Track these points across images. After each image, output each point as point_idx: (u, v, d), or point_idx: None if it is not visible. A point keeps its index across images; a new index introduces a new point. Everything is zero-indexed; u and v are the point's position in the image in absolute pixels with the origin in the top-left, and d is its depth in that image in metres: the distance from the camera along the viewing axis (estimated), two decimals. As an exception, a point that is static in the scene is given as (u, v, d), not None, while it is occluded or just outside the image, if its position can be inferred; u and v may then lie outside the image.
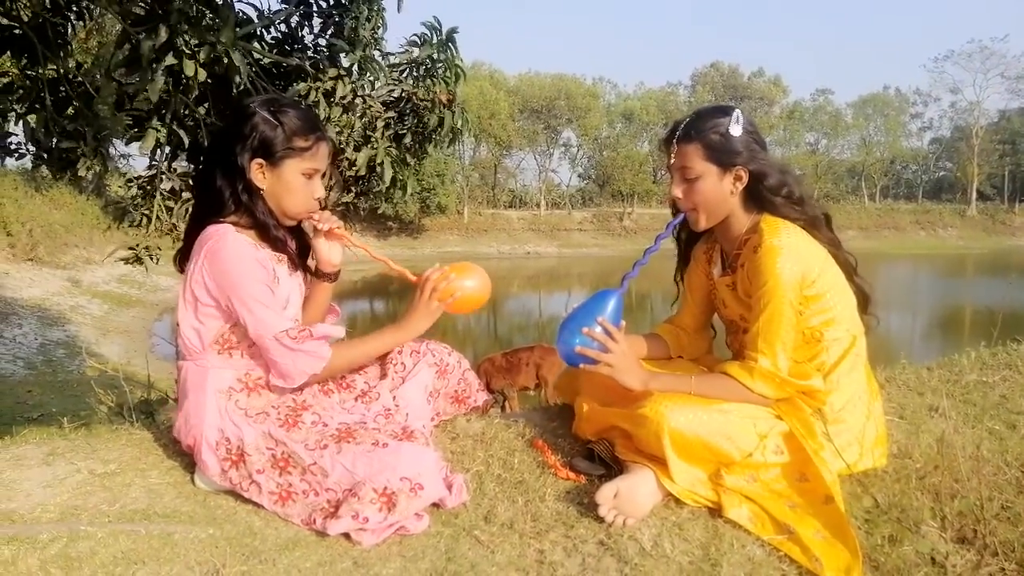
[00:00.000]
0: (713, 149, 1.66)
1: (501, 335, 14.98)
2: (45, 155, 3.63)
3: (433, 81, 4.25)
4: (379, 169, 4.00)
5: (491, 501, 1.65)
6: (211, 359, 1.66)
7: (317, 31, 4.19)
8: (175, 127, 3.54)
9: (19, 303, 12.66)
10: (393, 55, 4.38)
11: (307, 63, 3.98)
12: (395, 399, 1.81)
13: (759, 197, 1.71)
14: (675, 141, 1.70)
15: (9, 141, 3.87)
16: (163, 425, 2.09)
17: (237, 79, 3.08)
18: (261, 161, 1.63)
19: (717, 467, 1.60)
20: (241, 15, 3.75)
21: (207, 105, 3.69)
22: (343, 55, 4.05)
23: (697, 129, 1.67)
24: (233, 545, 1.47)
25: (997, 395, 2.27)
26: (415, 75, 4.33)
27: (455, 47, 4.23)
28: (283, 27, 4.16)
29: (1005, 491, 1.61)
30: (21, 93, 3.64)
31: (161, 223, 4.01)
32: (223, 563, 1.39)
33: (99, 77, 3.55)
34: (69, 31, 3.83)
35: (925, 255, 35.01)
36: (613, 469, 1.71)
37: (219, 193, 1.64)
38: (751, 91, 47.87)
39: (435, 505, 1.60)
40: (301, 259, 1.80)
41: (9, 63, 3.92)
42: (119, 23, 3.28)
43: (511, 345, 7.61)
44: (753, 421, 1.60)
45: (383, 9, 4.21)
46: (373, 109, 4.09)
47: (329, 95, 3.83)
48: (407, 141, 4.29)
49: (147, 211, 4.00)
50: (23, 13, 3.59)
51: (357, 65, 4.07)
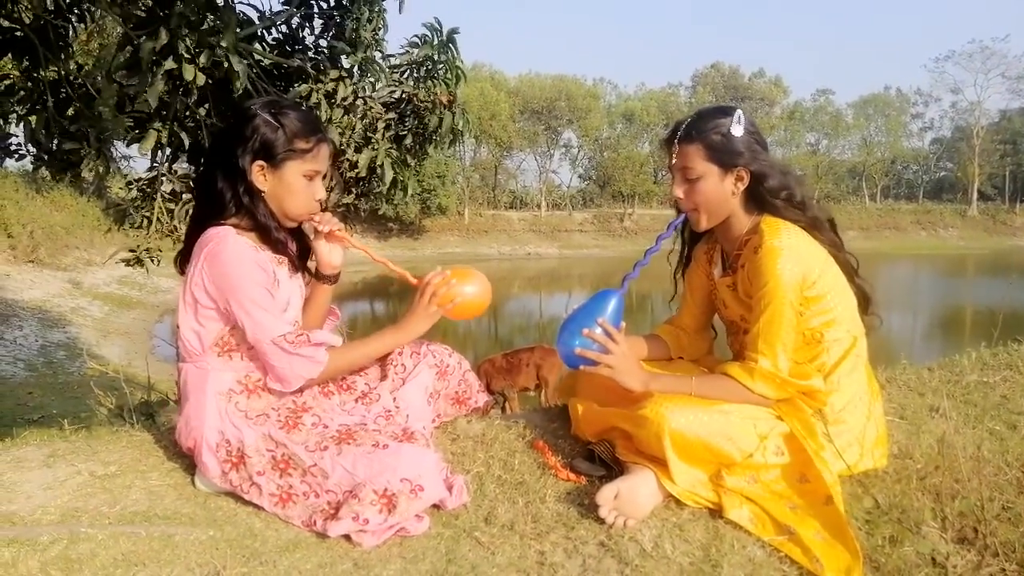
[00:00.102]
0: (714, 149, 1.66)
1: (502, 336, 14.98)
2: (45, 156, 3.64)
3: (434, 82, 4.25)
4: (380, 170, 4.00)
5: (491, 502, 1.65)
6: (211, 361, 1.66)
7: (318, 32, 4.20)
8: (176, 128, 3.55)
9: (20, 305, 12.67)
10: (394, 56, 4.39)
11: (308, 64, 3.99)
12: (395, 400, 1.81)
13: (760, 198, 1.71)
14: (676, 141, 1.70)
15: (9, 142, 3.88)
16: (163, 427, 2.09)
17: (237, 83, 3.08)
18: (262, 163, 1.64)
19: (718, 468, 1.60)
20: (242, 16, 3.76)
21: (208, 106, 3.69)
22: (344, 56, 4.06)
23: (698, 129, 1.67)
24: (233, 547, 1.47)
25: (998, 395, 2.27)
26: (416, 76, 4.33)
27: (455, 48, 4.24)
28: (284, 28, 4.16)
29: (1006, 491, 1.61)
30: (22, 95, 3.65)
31: (162, 225, 4.01)
32: (224, 565, 1.39)
33: (100, 79, 3.55)
34: (70, 33, 3.84)
35: (926, 255, 34.99)
36: (614, 470, 1.71)
37: (220, 195, 1.64)
38: (752, 91, 47.86)
39: (435, 506, 1.60)
40: (302, 261, 1.80)
41: (10, 65, 3.93)
42: (120, 26, 3.29)
43: (512, 346, 7.60)
44: (754, 422, 1.60)
45: (384, 10, 4.22)
46: (374, 110, 4.09)
47: (330, 96, 3.84)
48: (408, 142, 4.29)
49: (148, 213, 4.01)
50: (24, 15, 3.60)
51: (358, 66, 4.08)
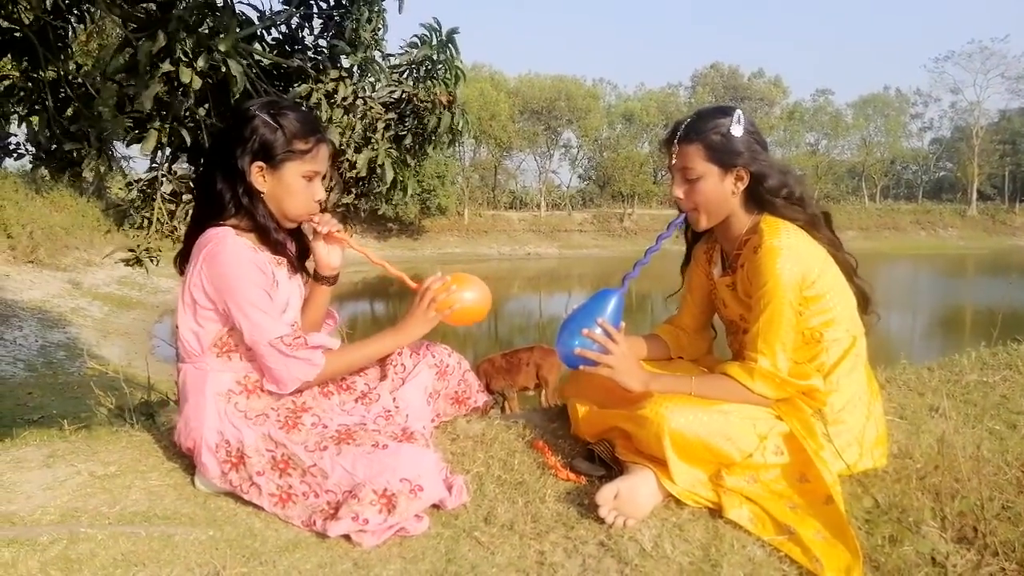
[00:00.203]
0: (714, 150, 1.66)
1: (501, 336, 14.97)
2: (44, 156, 3.64)
3: (433, 82, 4.25)
4: (380, 170, 4.00)
5: (491, 502, 1.65)
6: (210, 362, 1.66)
7: (318, 32, 4.19)
8: (176, 127, 3.54)
9: (19, 305, 12.66)
10: (393, 56, 4.38)
11: (308, 64, 3.99)
12: (395, 400, 1.81)
13: (760, 197, 1.71)
14: (676, 142, 1.70)
15: (8, 142, 3.88)
16: (163, 427, 2.09)
17: (235, 88, 3.09)
18: (261, 164, 1.64)
19: (717, 468, 1.60)
20: (242, 16, 3.76)
21: (208, 107, 3.69)
22: (344, 56, 4.05)
23: (698, 130, 1.68)
24: (233, 547, 1.47)
25: (997, 395, 2.27)
26: (415, 76, 4.33)
27: (455, 48, 4.23)
28: (284, 28, 4.16)
29: (1005, 491, 1.61)
30: (22, 95, 3.65)
31: (162, 225, 4.01)
32: (223, 565, 1.39)
33: (99, 79, 3.55)
34: (70, 34, 3.84)
35: (925, 255, 34.99)
36: (613, 470, 1.71)
37: (219, 196, 1.65)
38: (751, 92, 47.88)
39: (435, 506, 1.60)
40: (301, 262, 1.80)
41: (10, 66, 3.93)
42: (119, 28, 3.29)
43: (511, 346, 7.60)
44: (753, 422, 1.60)
45: (384, 10, 4.22)
46: (374, 110, 4.09)
47: (330, 96, 3.83)
48: (407, 142, 4.29)
49: (148, 214, 4.01)
50: (24, 16, 3.60)
51: (358, 66, 4.08)
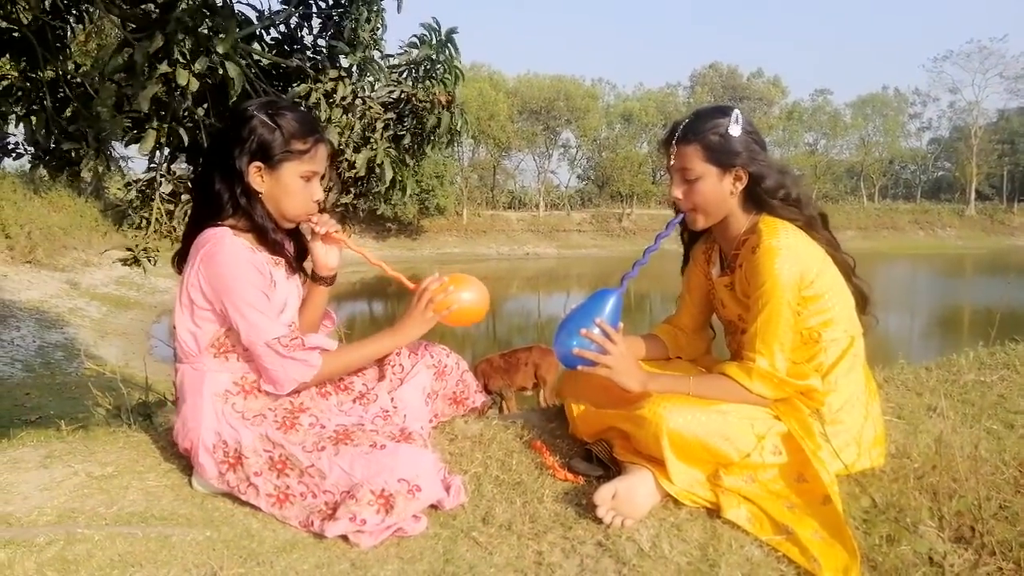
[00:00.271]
0: (712, 150, 1.67)
1: (500, 336, 14.97)
2: (44, 156, 3.64)
3: (432, 82, 4.25)
4: (379, 170, 4.00)
5: (489, 502, 1.65)
6: (207, 362, 1.66)
7: (316, 32, 4.19)
8: (174, 126, 3.54)
9: (17, 305, 12.65)
10: (392, 56, 4.38)
11: (307, 64, 3.98)
12: (393, 401, 1.81)
13: (758, 197, 1.71)
14: (675, 142, 1.70)
15: (7, 141, 3.88)
16: (161, 427, 2.09)
17: (232, 91, 3.09)
18: (259, 164, 1.63)
19: (715, 468, 1.60)
20: (241, 16, 3.75)
21: (206, 107, 3.69)
22: (343, 56, 4.05)
23: (696, 130, 1.68)
24: (231, 547, 1.47)
25: (995, 395, 2.27)
26: (414, 76, 4.33)
27: (454, 48, 4.23)
28: (282, 28, 4.16)
29: (1003, 490, 1.61)
30: (20, 95, 3.64)
31: (160, 225, 4.01)
32: (220, 565, 1.39)
33: (98, 80, 3.55)
34: (68, 34, 3.83)
35: (924, 255, 35.02)
36: (611, 470, 1.71)
37: (217, 196, 1.64)
38: (750, 91, 47.93)
39: (433, 507, 1.60)
40: (299, 262, 1.80)
41: (9, 66, 3.93)
42: (118, 28, 3.29)
43: (510, 346, 7.59)
44: (751, 422, 1.60)
45: (382, 10, 4.22)
46: (373, 110, 4.09)
47: (329, 96, 3.83)
48: (406, 142, 4.29)
49: (147, 214, 4.00)
50: (22, 16, 3.59)
51: (357, 66, 4.07)
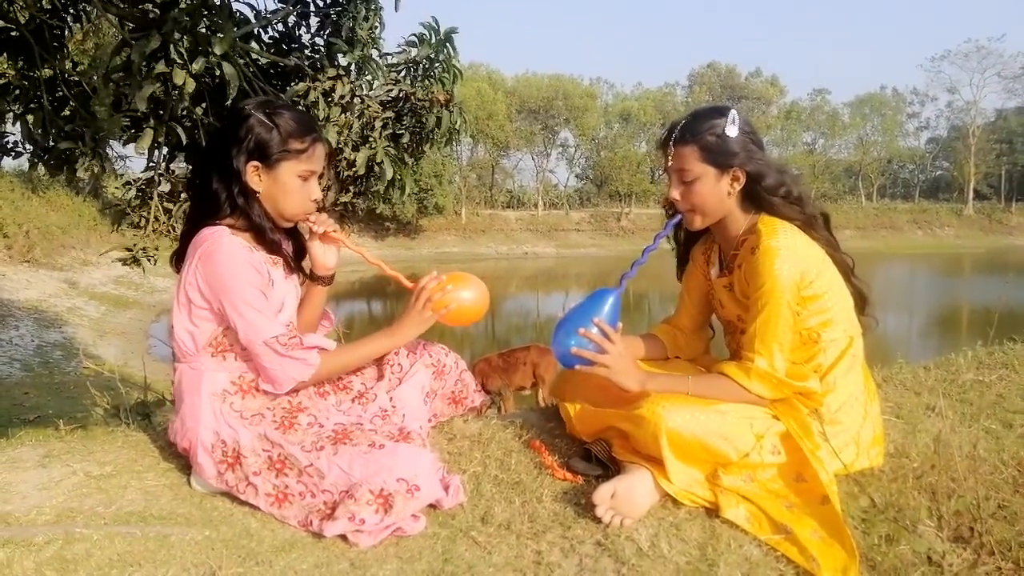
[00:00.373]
0: (710, 151, 1.67)
1: (499, 336, 14.97)
2: (42, 154, 3.63)
3: (431, 81, 4.24)
4: (378, 169, 3.99)
5: (488, 502, 1.65)
6: (205, 362, 1.66)
7: (314, 31, 4.18)
8: (173, 125, 3.53)
9: (16, 305, 12.62)
10: (391, 55, 4.38)
11: (305, 63, 3.98)
12: (392, 400, 1.81)
13: (757, 197, 1.71)
14: (672, 143, 1.70)
15: (6, 140, 3.87)
16: (159, 427, 2.09)
17: (229, 90, 3.08)
18: (257, 163, 1.63)
19: (714, 467, 1.60)
20: (239, 15, 3.75)
21: (204, 106, 3.68)
22: (341, 55, 4.05)
23: (693, 131, 1.68)
24: (229, 547, 1.47)
25: (994, 394, 2.27)
26: (413, 75, 4.32)
27: (453, 47, 4.23)
28: (280, 27, 4.15)
29: (1002, 490, 1.61)
30: (18, 94, 3.64)
31: (159, 224, 4.00)
32: (219, 565, 1.39)
33: (96, 79, 3.55)
34: (66, 33, 3.83)
35: (922, 254, 35.04)
36: (610, 470, 1.71)
37: (215, 196, 1.64)
38: (748, 91, 47.93)
39: (432, 506, 1.60)
40: (297, 262, 1.80)
41: (6, 64, 3.92)
42: (116, 28, 3.28)
43: (509, 346, 7.58)
44: (750, 421, 1.60)
45: (380, 8, 4.21)
46: (371, 109, 4.08)
47: (328, 95, 3.83)
48: (405, 141, 4.28)
49: (145, 213, 3.99)
50: (20, 15, 3.59)
51: (355, 64, 4.07)
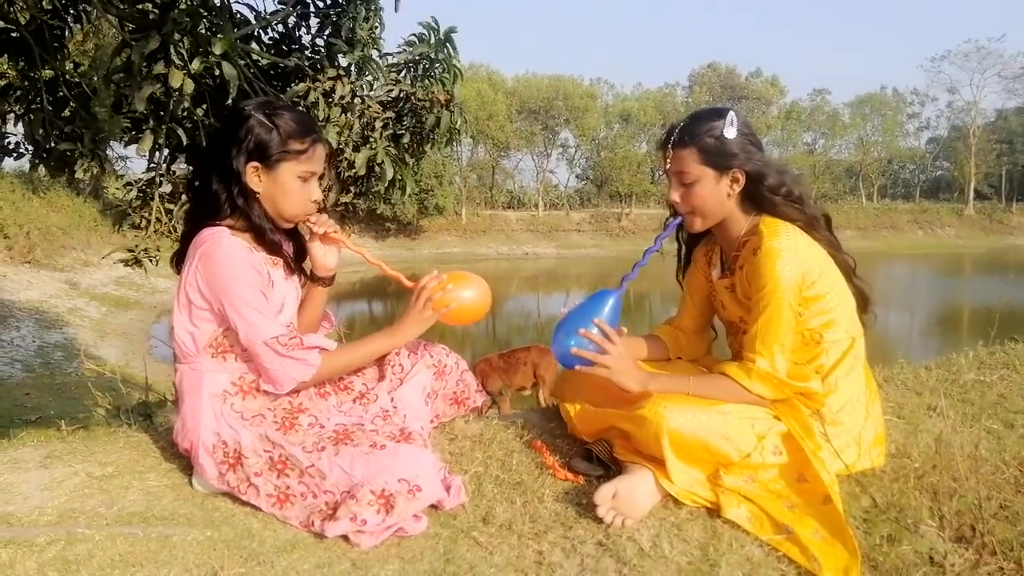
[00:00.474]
0: (708, 152, 1.67)
1: (499, 336, 14.96)
2: (44, 155, 3.63)
3: (431, 81, 4.24)
4: (378, 169, 3.99)
5: (489, 502, 1.65)
6: (205, 362, 1.66)
7: (315, 31, 4.19)
8: (173, 127, 3.54)
9: (17, 305, 12.63)
10: (391, 55, 4.38)
11: (305, 64, 3.98)
12: (393, 401, 1.81)
13: (758, 198, 1.71)
14: (671, 146, 1.70)
15: (8, 142, 3.87)
16: (161, 427, 2.09)
17: (230, 89, 3.08)
18: (257, 164, 1.63)
19: (716, 468, 1.60)
20: (239, 16, 3.75)
21: (205, 107, 3.68)
22: (341, 55, 4.05)
23: (692, 133, 1.68)
24: (231, 547, 1.47)
25: (995, 394, 2.27)
26: (413, 75, 4.32)
27: (453, 47, 4.23)
28: (280, 28, 4.16)
29: (1003, 490, 1.61)
30: (19, 94, 3.64)
31: (161, 225, 4.00)
32: (221, 565, 1.39)
33: (96, 80, 3.55)
34: (66, 34, 3.83)
35: (923, 254, 35.01)
36: (612, 470, 1.71)
37: (215, 196, 1.64)
38: (748, 91, 47.85)
39: (433, 507, 1.60)
40: (297, 263, 1.80)
41: (7, 66, 3.92)
42: (116, 29, 3.28)
43: (509, 346, 7.58)
44: (751, 422, 1.60)
45: (380, 9, 4.21)
46: (372, 109, 4.08)
47: (328, 95, 3.83)
48: (405, 141, 4.28)
49: (147, 214, 4.00)
50: (20, 16, 3.59)
51: (355, 65, 4.07)
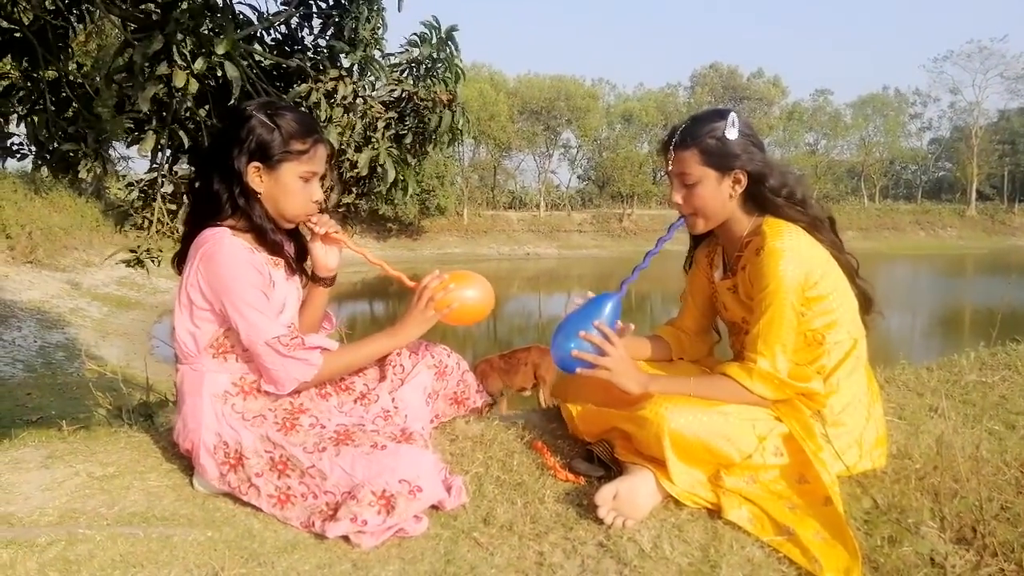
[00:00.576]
0: (710, 154, 1.67)
1: (501, 336, 14.96)
2: (47, 155, 3.64)
3: (433, 81, 4.24)
4: (380, 170, 4.00)
5: (490, 503, 1.65)
6: (206, 363, 1.66)
7: (317, 32, 4.19)
8: (176, 127, 3.54)
9: (18, 305, 12.65)
10: (393, 55, 4.38)
11: (307, 64, 3.98)
12: (394, 401, 1.81)
13: (760, 199, 1.71)
14: (672, 148, 1.70)
15: (10, 142, 3.88)
16: (162, 428, 2.09)
17: (233, 89, 3.09)
18: (258, 164, 1.63)
19: (717, 469, 1.60)
20: (241, 16, 3.75)
21: (208, 107, 3.69)
22: (343, 55, 4.05)
23: (693, 135, 1.68)
24: (232, 548, 1.47)
25: (996, 395, 2.27)
26: (415, 75, 4.32)
27: (455, 46, 4.23)
28: (283, 28, 4.16)
29: (1004, 491, 1.61)
30: (22, 95, 3.65)
31: (163, 225, 4.00)
32: (222, 566, 1.39)
33: (99, 80, 3.55)
34: (69, 34, 3.83)
35: (925, 255, 34.96)
36: (612, 471, 1.71)
37: (216, 197, 1.64)
38: (750, 92, 47.81)
39: (434, 507, 1.60)
40: (299, 263, 1.80)
41: (10, 66, 3.93)
42: (118, 29, 3.29)
43: (511, 346, 7.58)
44: (753, 423, 1.60)
45: (383, 9, 4.21)
46: (374, 109, 4.08)
47: (330, 96, 3.83)
48: (408, 141, 4.28)
49: (149, 215, 4.00)
50: (23, 16, 3.60)
51: (357, 65, 4.07)
